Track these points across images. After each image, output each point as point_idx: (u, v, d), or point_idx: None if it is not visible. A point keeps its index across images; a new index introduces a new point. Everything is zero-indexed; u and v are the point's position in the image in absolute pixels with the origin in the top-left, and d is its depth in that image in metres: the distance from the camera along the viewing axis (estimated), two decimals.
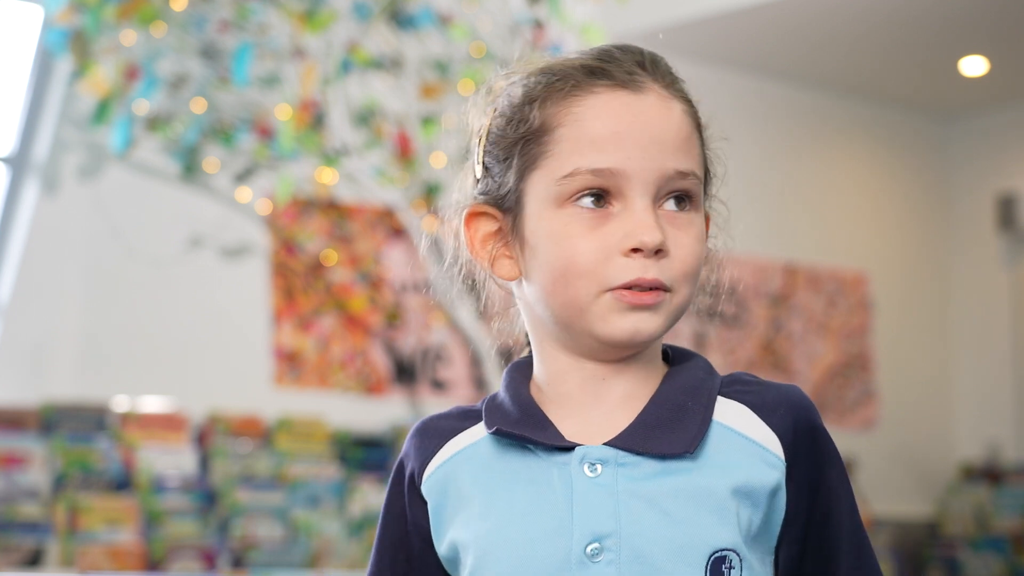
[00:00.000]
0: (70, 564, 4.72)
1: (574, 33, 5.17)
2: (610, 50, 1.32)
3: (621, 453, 1.28)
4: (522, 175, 1.31)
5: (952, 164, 7.85)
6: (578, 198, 1.28)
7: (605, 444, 1.28)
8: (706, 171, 1.35)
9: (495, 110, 1.34)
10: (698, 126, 1.33)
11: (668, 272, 1.28)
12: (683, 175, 1.29)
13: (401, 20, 5.27)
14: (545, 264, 1.29)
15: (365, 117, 5.35)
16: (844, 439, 7.07)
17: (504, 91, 1.34)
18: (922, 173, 7.81)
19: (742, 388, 1.32)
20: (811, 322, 7.30)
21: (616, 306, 1.27)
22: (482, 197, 1.34)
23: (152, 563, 4.87)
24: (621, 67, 1.30)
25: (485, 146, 1.34)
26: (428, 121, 5.31)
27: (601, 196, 1.28)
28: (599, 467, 1.27)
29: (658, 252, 1.27)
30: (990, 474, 7.39)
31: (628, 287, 1.27)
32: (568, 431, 1.30)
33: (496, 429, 1.31)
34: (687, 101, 1.32)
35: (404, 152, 5.32)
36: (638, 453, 1.27)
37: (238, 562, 5.02)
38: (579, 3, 5.25)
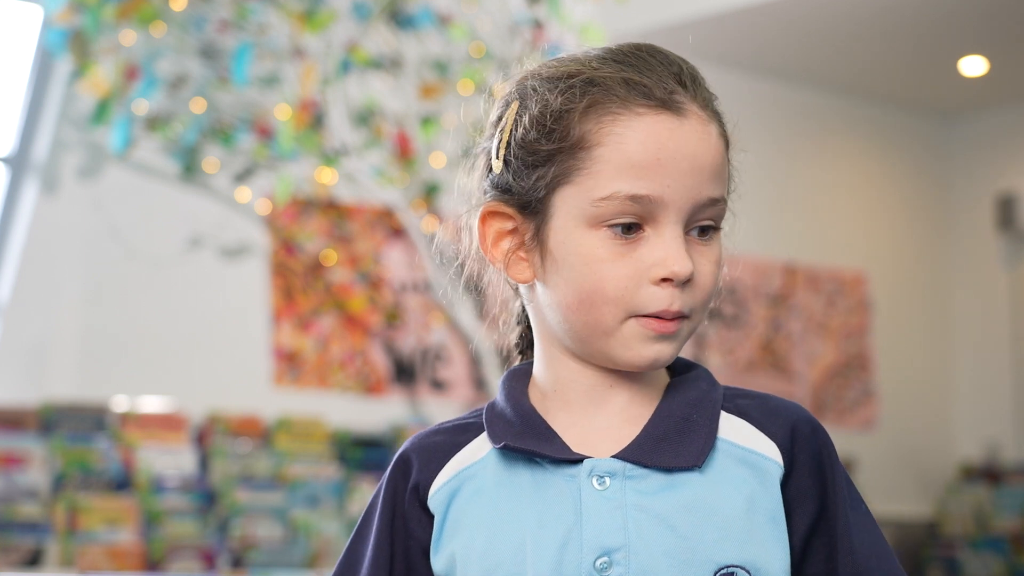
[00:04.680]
0: (70, 564, 4.72)
1: (573, 33, 5.17)
2: (646, 58, 1.29)
3: (629, 466, 1.27)
4: (552, 186, 1.28)
5: (952, 164, 7.85)
6: (612, 222, 1.26)
7: (613, 457, 1.28)
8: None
9: (526, 110, 1.30)
10: (727, 146, 1.31)
11: (690, 301, 1.28)
12: (715, 202, 1.28)
13: (401, 20, 5.28)
14: (571, 282, 1.27)
15: (365, 117, 5.35)
16: (843, 439, 7.07)
17: (538, 93, 1.30)
18: (922, 173, 7.81)
19: (743, 402, 1.32)
20: (810, 322, 7.30)
21: (641, 334, 1.27)
22: (503, 196, 1.31)
23: (152, 563, 4.87)
24: (661, 83, 1.27)
25: (510, 145, 1.31)
26: (427, 121, 5.31)
27: (634, 222, 1.26)
28: (607, 480, 1.27)
29: (686, 282, 1.27)
30: (989, 474, 7.39)
31: (653, 316, 1.26)
32: (571, 440, 1.30)
33: (504, 445, 1.30)
34: (720, 121, 1.31)
35: (403, 152, 5.33)
36: (645, 466, 1.27)
37: (237, 562, 5.02)
38: (578, 3, 5.25)
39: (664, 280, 1.25)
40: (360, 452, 5.55)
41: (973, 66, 6.90)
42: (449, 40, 5.34)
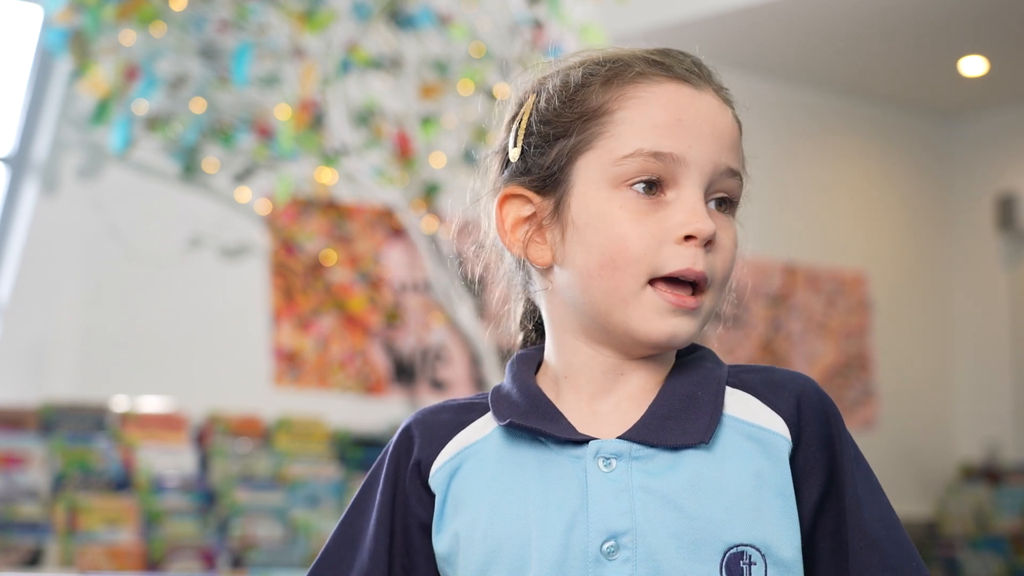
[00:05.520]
0: (70, 564, 4.72)
1: (574, 33, 5.17)
2: (661, 49, 1.33)
3: (635, 446, 1.27)
4: (573, 155, 1.30)
5: (952, 164, 7.85)
6: (633, 182, 1.27)
7: (619, 438, 1.27)
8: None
9: (544, 91, 1.33)
10: (740, 134, 1.34)
11: (712, 267, 1.28)
12: (733, 173, 1.30)
13: (401, 20, 5.28)
14: (593, 247, 1.28)
15: (364, 117, 5.35)
16: None
17: (556, 75, 1.33)
18: (921, 173, 7.81)
19: (748, 376, 1.32)
20: (810, 322, 7.30)
21: (659, 306, 1.27)
22: (520, 179, 1.32)
23: (151, 563, 4.87)
24: (681, 64, 1.31)
25: (527, 127, 1.32)
26: (427, 121, 5.31)
27: (655, 183, 1.27)
28: (613, 462, 1.27)
29: (708, 243, 1.27)
30: (989, 474, 7.39)
31: (675, 277, 1.26)
32: (577, 422, 1.29)
33: (509, 422, 1.30)
34: (732, 109, 1.34)
35: (403, 152, 5.33)
36: (652, 445, 1.27)
37: (237, 562, 5.02)
38: (578, 3, 5.25)
39: (688, 238, 1.26)
40: (360, 452, 5.55)
41: (973, 66, 6.90)
42: (449, 40, 5.34)
